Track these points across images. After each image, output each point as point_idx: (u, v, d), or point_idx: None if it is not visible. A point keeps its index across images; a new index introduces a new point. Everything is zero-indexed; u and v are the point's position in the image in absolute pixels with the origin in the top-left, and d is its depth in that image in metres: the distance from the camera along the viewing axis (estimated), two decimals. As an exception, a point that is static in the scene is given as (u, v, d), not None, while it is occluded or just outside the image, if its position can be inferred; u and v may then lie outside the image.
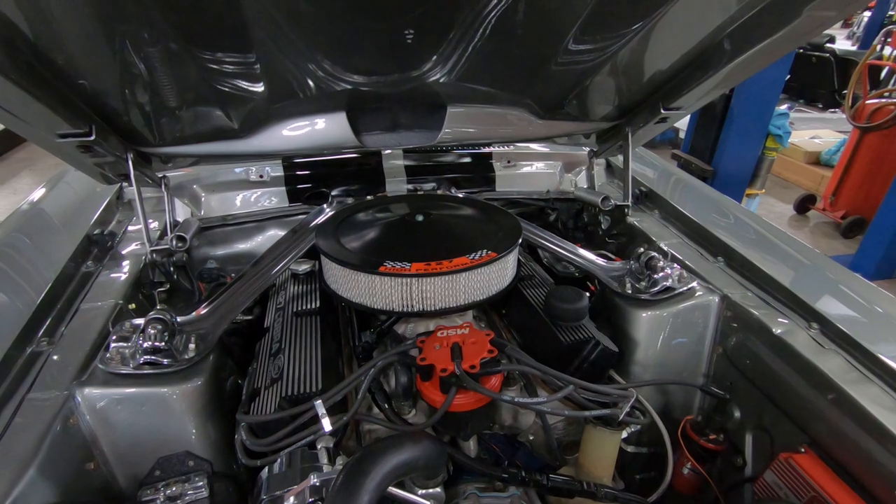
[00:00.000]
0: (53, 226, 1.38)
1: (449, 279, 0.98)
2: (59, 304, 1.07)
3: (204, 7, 0.86)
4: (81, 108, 0.97)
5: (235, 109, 1.19)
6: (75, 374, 0.91)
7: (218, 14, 0.88)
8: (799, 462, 0.91)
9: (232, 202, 1.53)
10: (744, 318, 1.13)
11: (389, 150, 1.57)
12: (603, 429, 1.01)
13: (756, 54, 1.06)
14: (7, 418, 0.81)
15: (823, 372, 0.95)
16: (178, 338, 1.00)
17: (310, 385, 0.94)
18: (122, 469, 0.92)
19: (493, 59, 1.16)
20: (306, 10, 0.92)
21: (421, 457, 0.79)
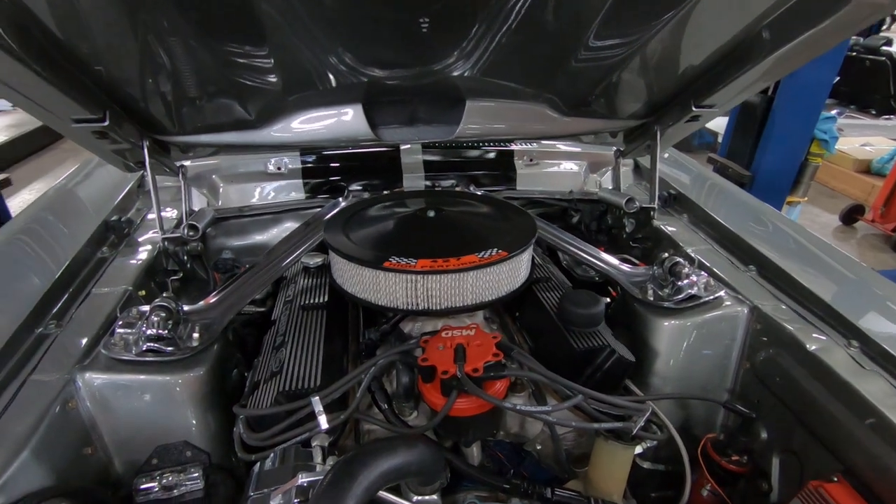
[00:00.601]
0: (76, 210, 1.41)
1: (456, 277, 0.94)
2: (72, 288, 1.09)
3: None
4: (96, 93, 0.97)
5: (251, 100, 1.18)
6: (79, 358, 0.91)
7: (231, 4, 0.87)
8: (830, 492, 0.83)
9: (249, 193, 1.54)
10: (775, 332, 1.05)
11: (406, 144, 1.54)
12: (615, 443, 0.95)
13: (798, 46, 0.98)
14: (7, 399, 0.81)
15: (862, 395, 0.87)
16: (183, 326, 1.00)
17: (309, 381, 0.91)
18: (120, 455, 0.92)
19: (515, 51, 1.12)
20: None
21: (415, 462, 0.75)
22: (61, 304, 1.04)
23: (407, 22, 0.97)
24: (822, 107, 2.75)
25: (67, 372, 0.88)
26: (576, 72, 1.19)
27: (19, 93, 0.88)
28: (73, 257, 1.13)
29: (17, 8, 0.77)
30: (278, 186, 1.54)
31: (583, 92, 1.28)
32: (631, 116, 1.38)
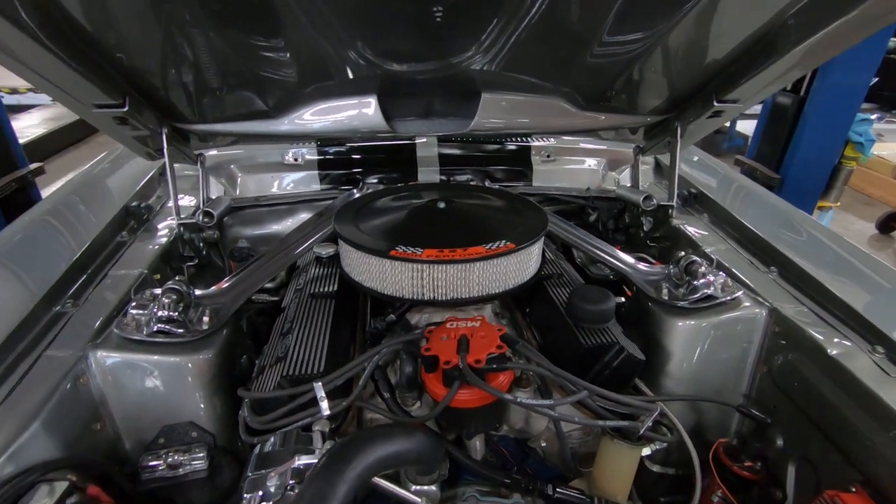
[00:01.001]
0: (99, 196, 1.45)
1: (462, 267, 0.93)
2: (90, 270, 1.12)
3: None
4: (116, 80, 1.00)
5: (267, 91, 1.19)
6: (92, 336, 0.93)
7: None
8: (847, 502, 0.79)
9: (266, 184, 1.56)
10: (794, 336, 1.01)
11: (422, 137, 1.54)
12: (621, 442, 0.92)
13: (825, 38, 0.94)
14: (21, 373, 0.84)
15: (887, 403, 0.82)
16: (194, 310, 1.01)
17: (312, 367, 0.92)
18: (128, 433, 0.94)
19: (532, 45, 1.10)
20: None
21: (413, 450, 0.75)
22: (79, 284, 1.07)
23: (420, 11, 0.97)
24: (857, 108, 2.63)
25: (80, 349, 0.90)
26: (593, 66, 1.17)
27: (43, 77, 0.91)
28: (92, 240, 1.17)
29: (67, 20, 0.80)
30: (295, 177, 1.56)
31: (601, 86, 1.26)
32: (651, 112, 1.35)
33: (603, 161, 1.69)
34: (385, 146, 1.58)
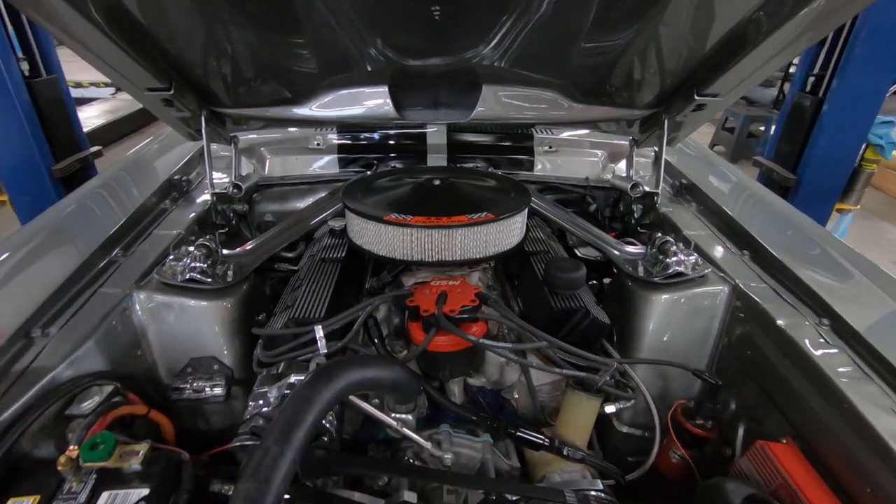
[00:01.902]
0: (148, 170, 1.65)
1: (446, 233, 1.06)
2: (138, 228, 1.32)
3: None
4: (165, 67, 1.18)
5: (292, 80, 1.36)
6: (137, 279, 1.12)
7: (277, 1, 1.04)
8: (773, 450, 0.88)
9: (291, 165, 1.73)
10: (751, 310, 1.10)
11: (432, 126, 1.68)
12: (581, 393, 1.04)
13: (794, 30, 1.00)
14: (81, 303, 1.03)
15: (818, 365, 0.91)
16: (221, 265, 1.19)
17: (315, 313, 1.07)
18: (162, 361, 1.12)
19: (528, 41, 1.22)
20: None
21: (388, 378, 0.89)
22: (128, 239, 1.26)
23: (420, 10, 1.11)
24: (877, 111, 2.60)
25: (127, 289, 1.09)
26: (583, 62, 1.29)
27: (108, 64, 1.10)
28: (141, 204, 1.37)
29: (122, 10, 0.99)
30: (317, 160, 1.73)
31: (592, 81, 1.37)
32: (641, 106, 1.44)
33: (603, 153, 1.79)
34: (398, 134, 1.73)
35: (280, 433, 0.71)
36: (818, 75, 2.61)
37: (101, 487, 0.76)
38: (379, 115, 1.46)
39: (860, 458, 0.80)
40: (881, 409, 0.82)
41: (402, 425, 0.95)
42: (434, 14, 1.12)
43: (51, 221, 1.33)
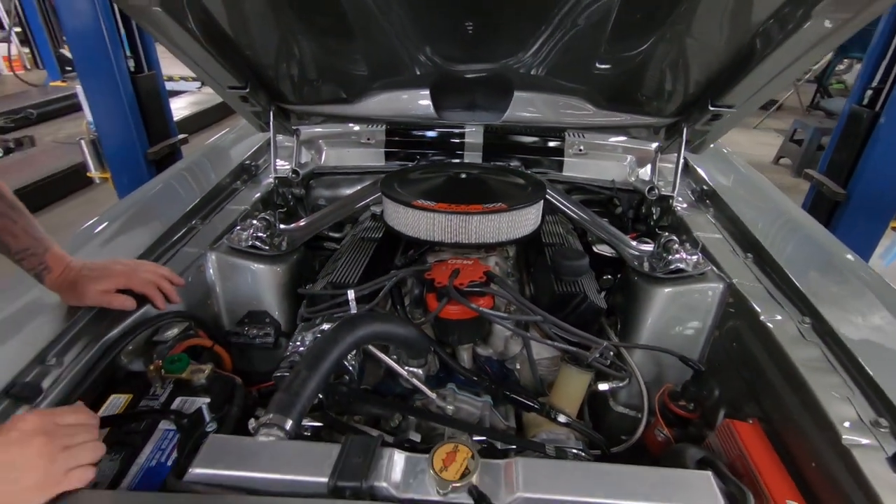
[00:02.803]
0: (224, 156, 1.92)
1: (463, 218, 1.23)
2: (213, 203, 1.57)
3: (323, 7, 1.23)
4: (243, 69, 1.42)
5: (347, 83, 1.57)
6: (211, 243, 1.36)
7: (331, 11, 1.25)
8: (737, 428, 0.98)
9: (344, 156, 1.95)
10: (741, 306, 1.18)
11: (470, 126, 1.84)
12: (572, 367, 1.17)
13: (802, 41, 1.06)
14: (166, 259, 1.29)
15: (788, 356, 1.00)
16: (277, 237, 1.42)
17: (350, 279, 1.27)
18: (226, 310, 1.36)
19: (554, 52, 1.37)
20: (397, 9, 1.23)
21: (402, 333, 1.07)
22: (206, 211, 1.52)
23: (457, 25, 1.28)
24: (938, 125, 2.47)
25: (203, 250, 1.33)
26: (603, 72, 1.41)
27: (199, 66, 1.35)
28: (217, 184, 1.63)
29: (201, 9, 1.23)
30: (366, 153, 1.94)
31: (613, 89, 1.49)
32: (662, 115, 1.54)
33: (632, 158, 1.88)
34: (440, 132, 1.90)
35: (309, 362, 0.91)
36: (876, 88, 2.52)
37: (176, 393, 0.99)
38: (421, 115, 1.64)
39: (812, 437, 0.89)
40: (838, 398, 0.91)
41: (412, 376, 1.13)
42: (468, 28, 1.29)
43: (145, 195, 1.61)
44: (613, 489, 0.72)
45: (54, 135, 6.15)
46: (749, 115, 1.47)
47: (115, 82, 2.74)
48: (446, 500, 0.71)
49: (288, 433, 0.81)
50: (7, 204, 0.98)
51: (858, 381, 0.94)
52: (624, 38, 1.25)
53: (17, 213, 0.99)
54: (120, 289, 1.08)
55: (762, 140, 7.06)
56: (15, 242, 0.98)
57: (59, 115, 6.87)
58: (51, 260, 1.02)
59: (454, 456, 0.73)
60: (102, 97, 2.79)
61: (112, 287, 1.06)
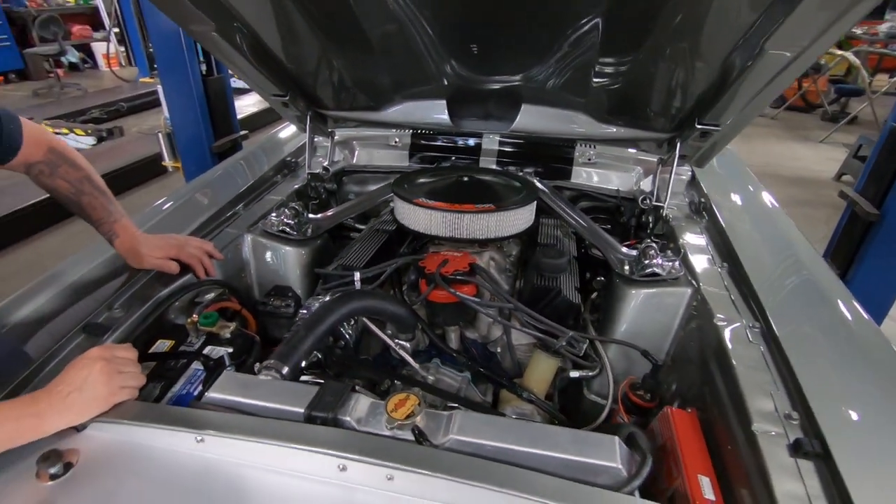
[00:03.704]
0: (271, 151, 2.20)
1: (456, 216, 1.40)
2: (255, 193, 1.84)
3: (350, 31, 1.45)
4: (285, 80, 1.67)
5: (373, 93, 1.79)
6: (248, 226, 1.62)
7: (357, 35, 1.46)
8: (673, 414, 1.10)
9: (374, 157, 2.18)
10: (702, 308, 1.29)
11: (488, 134, 2.01)
12: (541, 352, 1.32)
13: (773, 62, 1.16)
14: (212, 236, 1.55)
15: (728, 354, 1.11)
16: (305, 225, 1.66)
17: (358, 263, 1.48)
18: (257, 283, 1.61)
19: (557, 71, 1.53)
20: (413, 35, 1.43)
21: (391, 310, 1.27)
22: (249, 199, 1.79)
23: (464, 48, 1.47)
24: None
25: (242, 231, 1.59)
26: (599, 89, 1.54)
27: (248, 77, 1.61)
28: (260, 176, 1.89)
29: (249, 32, 1.48)
30: (393, 154, 2.15)
31: (608, 105, 1.61)
32: (655, 129, 1.65)
33: (638, 169, 1.98)
34: (459, 139, 2.09)
35: (308, 324, 1.13)
36: (918, 105, 2.42)
37: (207, 343, 1.24)
38: (437, 123, 1.84)
39: (732, 425, 1.00)
40: (762, 393, 1.01)
41: (400, 348, 1.33)
42: (472, 50, 1.47)
43: (203, 182, 1.90)
44: (529, 441, 0.88)
45: (139, 126, 6.86)
46: (738, 133, 1.54)
47: (189, 83, 3.13)
48: (393, 435, 0.90)
49: (284, 376, 1.03)
50: (93, 185, 1.26)
51: (786, 379, 1.03)
52: (611, 61, 1.39)
53: (99, 192, 1.28)
54: (171, 257, 1.34)
55: (828, 155, 6.70)
56: (94, 213, 1.27)
57: (146, 108, 7.65)
58: (119, 229, 1.29)
59: (404, 402, 0.92)
60: (178, 96, 3.20)
61: (164, 255, 1.32)
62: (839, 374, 1.04)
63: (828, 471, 0.85)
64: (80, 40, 10.44)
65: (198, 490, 0.85)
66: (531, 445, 0.88)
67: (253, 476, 0.86)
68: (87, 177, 1.26)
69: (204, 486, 0.86)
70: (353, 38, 1.50)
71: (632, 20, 1.25)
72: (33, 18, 8.83)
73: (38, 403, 0.87)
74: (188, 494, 0.85)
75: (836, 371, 1.05)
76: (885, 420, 0.93)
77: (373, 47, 1.50)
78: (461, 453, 0.87)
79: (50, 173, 1.20)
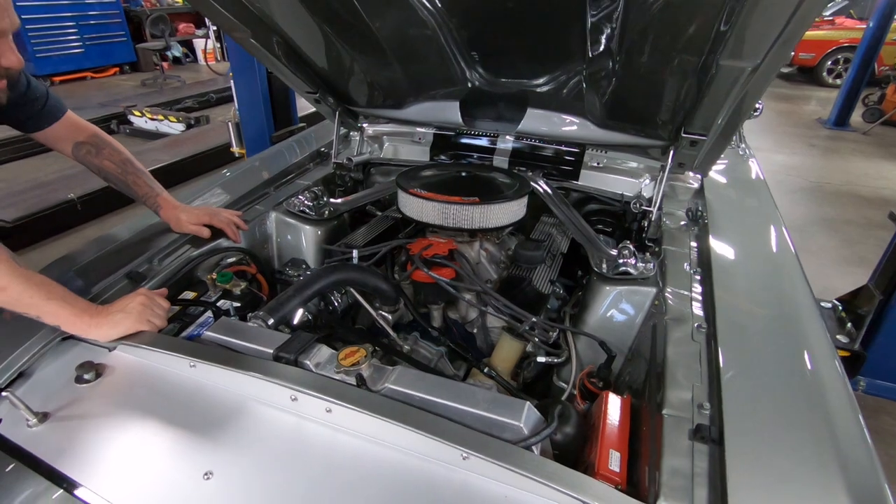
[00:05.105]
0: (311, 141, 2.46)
1: (443, 206, 1.56)
2: (289, 177, 2.10)
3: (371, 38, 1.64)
4: (315, 79, 1.91)
5: (394, 93, 1.98)
6: (275, 205, 1.87)
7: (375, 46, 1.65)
8: (605, 398, 1.19)
9: (399, 151, 2.37)
10: (661, 307, 1.36)
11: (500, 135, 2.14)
12: (506, 334, 1.45)
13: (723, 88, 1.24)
14: (244, 209, 1.81)
15: (667, 348, 1.18)
16: (324, 208, 1.88)
17: (358, 243, 1.68)
18: (277, 255, 1.85)
19: (559, 80, 1.64)
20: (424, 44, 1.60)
21: (373, 282, 1.45)
22: (281, 182, 2.05)
23: (466, 54, 1.62)
24: None
25: (268, 209, 1.84)
26: (595, 97, 1.64)
27: (283, 75, 1.86)
28: (295, 162, 2.15)
29: (282, 38, 1.71)
30: (416, 149, 2.33)
31: (607, 112, 1.69)
32: (650, 137, 1.70)
33: (647, 175, 2.02)
34: (476, 139, 2.23)
35: (297, 287, 1.33)
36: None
37: (223, 297, 1.48)
38: (451, 121, 2.00)
39: (651, 410, 1.09)
40: (685, 385, 1.08)
41: (381, 318, 1.51)
42: (474, 57, 1.62)
43: (250, 164, 2.19)
44: (452, 396, 1.03)
45: (224, 115, 7.55)
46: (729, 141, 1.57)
47: (256, 79, 3.51)
48: (341, 379, 1.08)
49: (269, 326, 1.24)
50: (133, 166, 1.55)
51: (712, 376, 1.10)
52: (599, 73, 1.48)
53: (140, 172, 1.57)
54: (205, 224, 1.60)
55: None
56: (139, 190, 1.56)
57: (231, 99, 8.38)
58: (161, 201, 1.57)
59: (354, 353, 1.10)
60: (246, 90, 3.59)
61: (199, 222, 1.59)
62: (763, 380, 1.08)
63: (718, 456, 0.93)
64: (184, 37, 11.59)
65: (187, 403, 1.08)
66: (452, 400, 1.02)
67: (228, 397, 1.08)
68: (129, 159, 1.55)
69: (191, 401, 1.09)
70: (373, 45, 1.69)
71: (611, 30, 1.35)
72: (147, 17, 9.94)
73: (95, 311, 1.18)
74: (180, 405, 1.08)
75: (762, 377, 1.09)
76: (784, 423, 0.98)
77: (391, 53, 1.69)
78: (392, 399, 1.04)
79: (97, 153, 1.49)
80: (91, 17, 9.62)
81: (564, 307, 1.67)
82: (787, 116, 8.47)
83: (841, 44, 10.18)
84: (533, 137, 2.07)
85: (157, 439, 1.02)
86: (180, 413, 1.07)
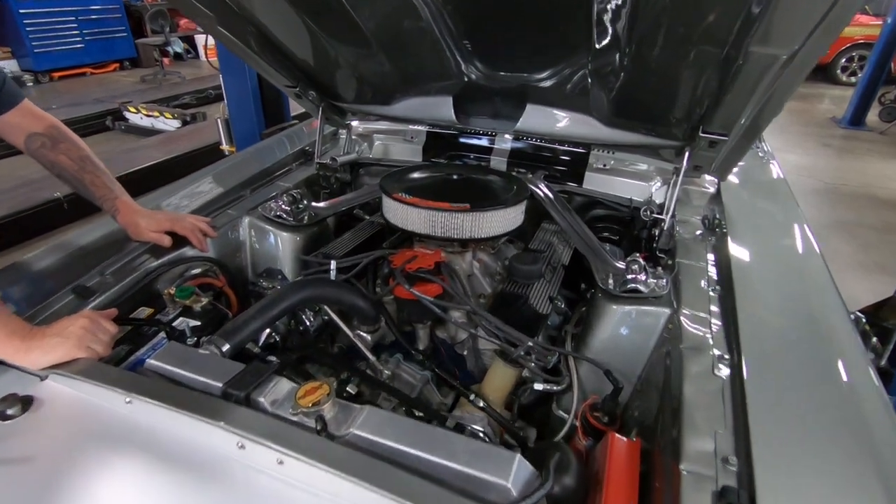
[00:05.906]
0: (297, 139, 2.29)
1: (430, 213, 1.39)
2: (268, 178, 1.93)
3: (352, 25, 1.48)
4: (295, 73, 1.74)
5: (380, 87, 1.82)
6: (248, 209, 1.71)
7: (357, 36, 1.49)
8: (612, 441, 1.02)
9: (390, 150, 2.20)
10: (675, 332, 1.18)
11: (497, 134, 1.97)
12: (499, 359, 1.28)
13: (750, 79, 1.07)
14: (213, 214, 1.65)
15: (682, 385, 1.01)
16: (303, 213, 1.72)
17: (337, 253, 1.52)
18: (251, 264, 1.69)
19: (558, 73, 1.48)
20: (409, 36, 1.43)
21: (349, 300, 1.29)
22: (259, 183, 1.88)
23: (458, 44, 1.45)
24: None
25: (241, 214, 1.68)
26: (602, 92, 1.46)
27: (262, 70, 1.69)
28: (276, 162, 1.99)
29: (253, 25, 1.55)
30: (407, 149, 2.16)
31: (615, 109, 1.52)
32: (663, 137, 1.53)
33: (658, 179, 1.85)
34: (472, 137, 2.06)
35: (259, 307, 1.17)
36: None
37: (182, 314, 1.32)
38: (444, 118, 1.83)
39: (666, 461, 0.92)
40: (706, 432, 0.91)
41: (358, 339, 1.34)
42: (466, 46, 1.45)
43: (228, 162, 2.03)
44: (427, 446, 0.86)
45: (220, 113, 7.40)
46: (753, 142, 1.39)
47: (246, 76, 3.35)
48: (299, 421, 0.91)
49: (223, 353, 1.08)
50: (93, 164, 1.39)
51: (738, 420, 0.93)
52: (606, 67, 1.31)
53: (100, 171, 1.40)
54: (166, 231, 1.44)
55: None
56: (97, 191, 1.39)
57: (230, 96, 8.24)
58: (120, 205, 1.41)
59: (315, 390, 0.93)
60: (236, 88, 3.43)
61: (160, 228, 1.43)
62: (801, 427, 0.91)
63: (749, 530, 0.76)
64: (186, 32, 11.45)
65: (116, 447, 0.92)
66: (426, 451, 0.86)
67: (165, 441, 0.92)
68: (88, 156, 1.38)
69: (122, 444, 0.92)
70: (359, 35, 1.52)
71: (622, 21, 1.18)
72: (147, 12, 9.82)
73: (29, 333, 1.03)
74: (109, 448, 0.92)
75: (800, 423, 0.92)
76: (829, 484, 0.81)
77: (378, 44, 1.52)
78: (356, 448, 0.87)
79: (52, 146, 1.33)
80: (91, 11, 9.50)
81: (566, 325, 1.50)
82: (800, 115, 8.22)
83: (856, 41, 9.90)
84: (533, 136, 1.90)
85: (82, 492, 0.86)
86: (111, 459, 0.91)
